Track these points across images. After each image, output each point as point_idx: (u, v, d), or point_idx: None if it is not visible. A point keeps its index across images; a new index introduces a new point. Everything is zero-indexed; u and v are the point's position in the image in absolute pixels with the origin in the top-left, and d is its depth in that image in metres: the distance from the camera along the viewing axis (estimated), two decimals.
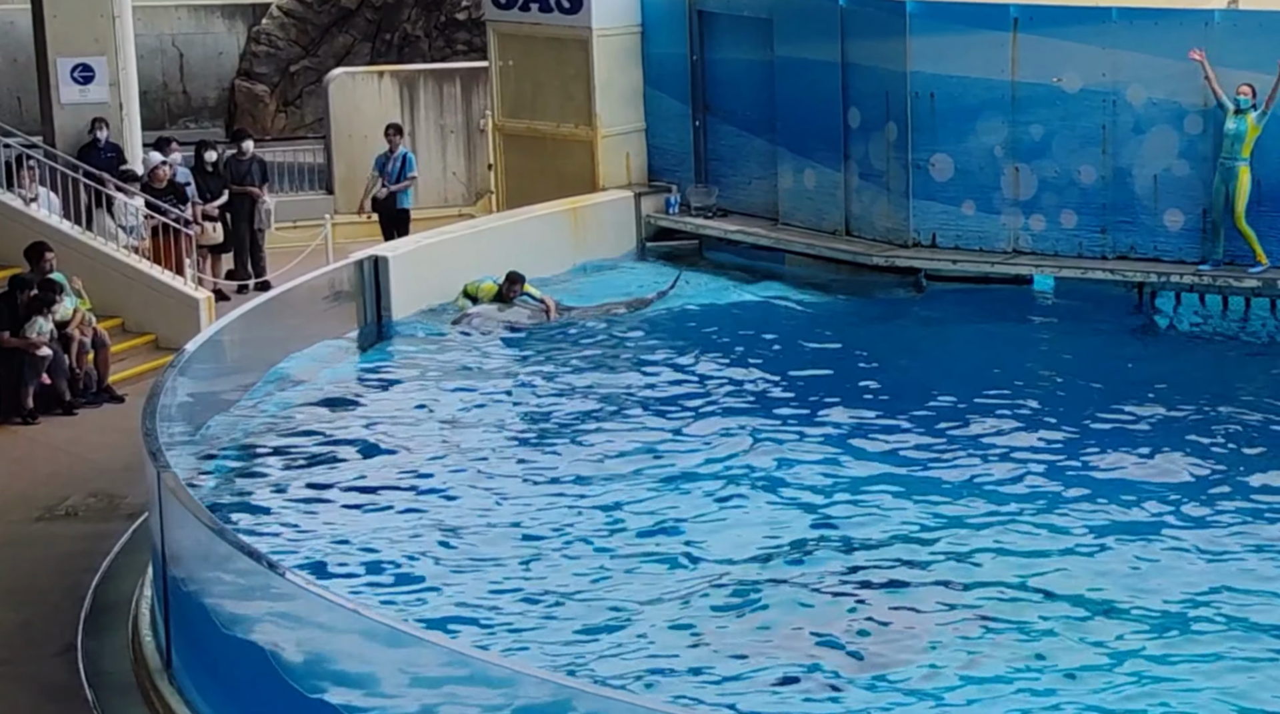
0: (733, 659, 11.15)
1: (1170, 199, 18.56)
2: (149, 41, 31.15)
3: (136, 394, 17.31)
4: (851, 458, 14.55)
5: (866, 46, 19.75)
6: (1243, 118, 17.76)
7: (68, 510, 15.60)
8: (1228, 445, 14.63)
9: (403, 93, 27.11)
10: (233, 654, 10.71)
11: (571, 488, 14.10)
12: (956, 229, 19.53)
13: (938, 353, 17.85)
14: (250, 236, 23.43)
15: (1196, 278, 18.30)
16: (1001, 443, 14.79)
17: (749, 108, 21.17)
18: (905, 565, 12.47)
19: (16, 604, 13.57)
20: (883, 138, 19.76)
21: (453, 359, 17.56)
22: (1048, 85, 18.93)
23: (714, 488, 13.97)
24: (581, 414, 15.77)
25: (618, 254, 21.08)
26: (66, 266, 19.28)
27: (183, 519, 11.17)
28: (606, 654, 11.29)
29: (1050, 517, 13.30)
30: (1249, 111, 17.73)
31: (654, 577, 12.44)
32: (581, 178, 21.58)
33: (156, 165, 22.23)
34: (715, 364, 17.12)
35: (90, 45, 23.02)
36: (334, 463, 14.76)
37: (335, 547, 13.06)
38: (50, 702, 11.90)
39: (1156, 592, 11.97)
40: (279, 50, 32.69)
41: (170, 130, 29.36)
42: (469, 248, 19.42)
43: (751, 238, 20.84)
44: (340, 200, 26.23)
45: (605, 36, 21.53)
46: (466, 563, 12.75)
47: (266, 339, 16.84)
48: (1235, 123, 17.79)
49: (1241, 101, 17.75)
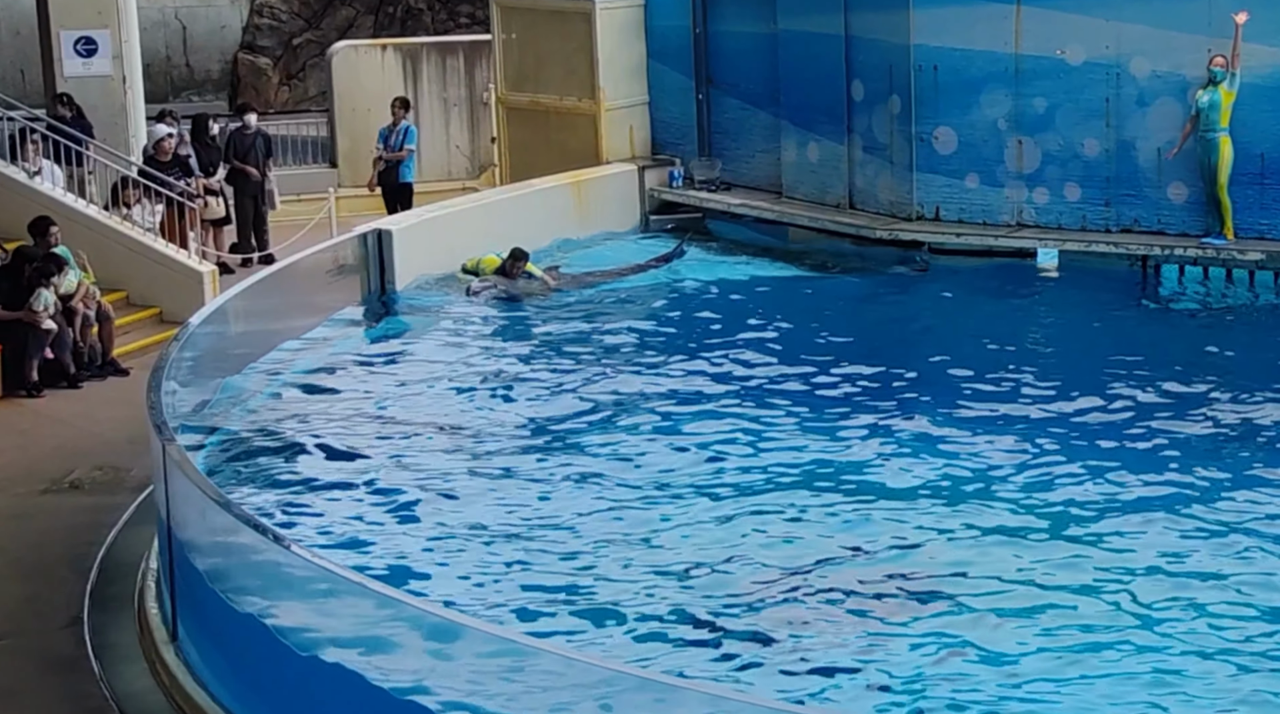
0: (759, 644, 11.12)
1: (1174, 172, 18.55)
2: (152, 14, 31.16)
3: (141, 367, 17.34)
4: (853, 436, 14.54)
5: (870, 19, 19.74)
6: (1216, 89, 17.79)
7: (73, 483, 15.63)
8: (1235, 418, 14.63)
9: (406, 66, 27.11)
10: (238, 625, 10.74)
11: (576, 463, 14.10)
12: (960, 202, 19.53)
13: (941, 327, 17.83)
14: (254, 210, 23.44)
15: (1201, 251, 18.30)
16: (1005, 418, 14.77)
17: (752, 81, 21.16)
18: (910, 549, 12.47)
19: (23, 577, 13.60)
20: (886, 111, 19.75)
21: (457, 332, 17.57)
22: (1051, 58, 18.92)
23: (716, 468, 13.96)
24: (583, 392, 15.77)
25: (621, 228, 21.10)
26: (70, 240, 19.31)
27: (188, 491, 11.19)
28: (611, 633, 11.31)
29: (1052, 493, 13.29)
30: (1222, 82, 17.75)
31: (652, 556, 12.46)
32: (585, 151, 21.58)
33: (162, 138, 22.23)
34: (719, 340, 17.13)
35: (93, 18, 23.04)
36: (337, 436, 14.77)
37: (339, 519, 13.07)
38: (57, 673, 11.93)
39: (1161, 572, 11.96)
40: (282, 23, 32.68)
41: (173, 103, 29.38)
42: (472, 221, 19.44)
43: (755, 211, 20.84)
44: (344, 174, 26.26)
45: (608, 9, 21.52)
46: (469, 535, 12.76)
47: (271, 312, 16.85)
48: (1209, 94, 17.84)
49: (1217, 73, 17.77)
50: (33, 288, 18.02)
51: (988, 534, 12.55)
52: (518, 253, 18.65)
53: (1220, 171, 17.96)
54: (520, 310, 18.24)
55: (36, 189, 20.77)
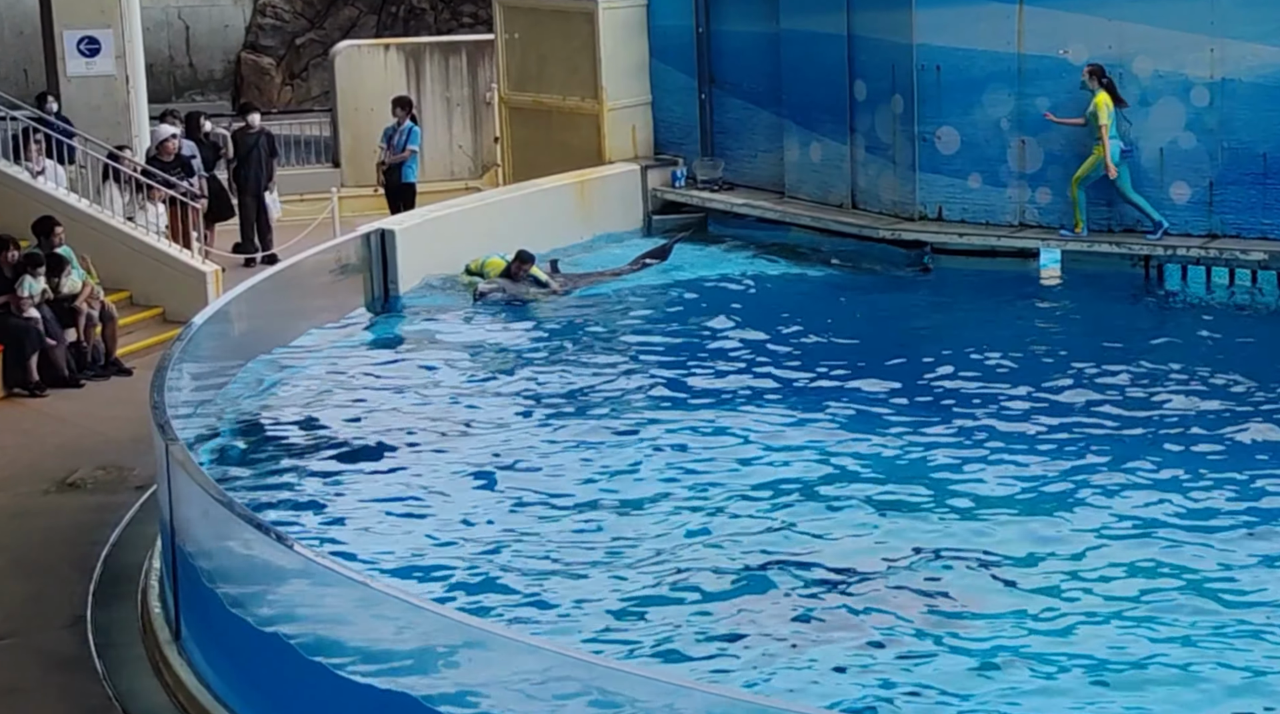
0: (776, 642, 11.11)
1: (1176, 172, 18.54)
2: (155, 14, 31.17)
3: (144, 367, 17.34)
4: (852, 436, 14.53)
5: (872, 19, 19.74)
6: (1093, 98, 18.34)
7: (76, 482, 15.64)
8: (1240, 414, 14.63)
9: (409, 65, 27.12)
10: (241, 625, 10.75)
11: (582, 463, 14.11)
12: (963, 202, 19.53)
13: (944, 327, 17.83)
14: (257, 209, 23.44)
15: (1203, 251, 18.30)
16: (1011, 420, 14.78)
17: (755, 80, 21.17)
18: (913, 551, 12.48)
19: (26, 576, 13.61)
20: (889, 110, 19.76)
21: (460, 333, 17.58)
22: (1054, 58, 18.92)
23: (723, 466, 13.96)
24: (588, 390, 15.78)
25: (624, 227, 21.10)
26: (74, 240, 19.33)
27: (191, 491, 11.20)
28: (618, 634, 11.32)
29: (1060, 490, 13.29)
30: (1096, 93, 18.32)
31: (658, 554, 12.47)
32: (587, 151, 21.58)
33: (166, 138, 22.24)
34: (722, 339, 17.14)
35: (97, 17, 23.05)
36: (340, 436, 14.78)
37: (341, 519, 13.09)
38: (60, 673, 11.94)
39: (1176, 574, 11.95)
40: (285, 23, 32.69)
41: (176, 103, 29.40)
42: (475, 221, 19.44)
43: (757, 211, 20.84)
44: (347, 173, 26.26)
45: (611, 9, 21.52)
46: (472, 535, 12.78)
47: (273, 312, 16.86)
48: (1090, 103, 18.42)
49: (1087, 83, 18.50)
50: (18, 275, 18.00)
51: (981, 534, 12.58)
52: (523, 255, 18.61)
53: (1081, 169, 18.43)
54: (524, 312, 18.24)
55: (40, 189, 20.77)
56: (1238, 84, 18.15)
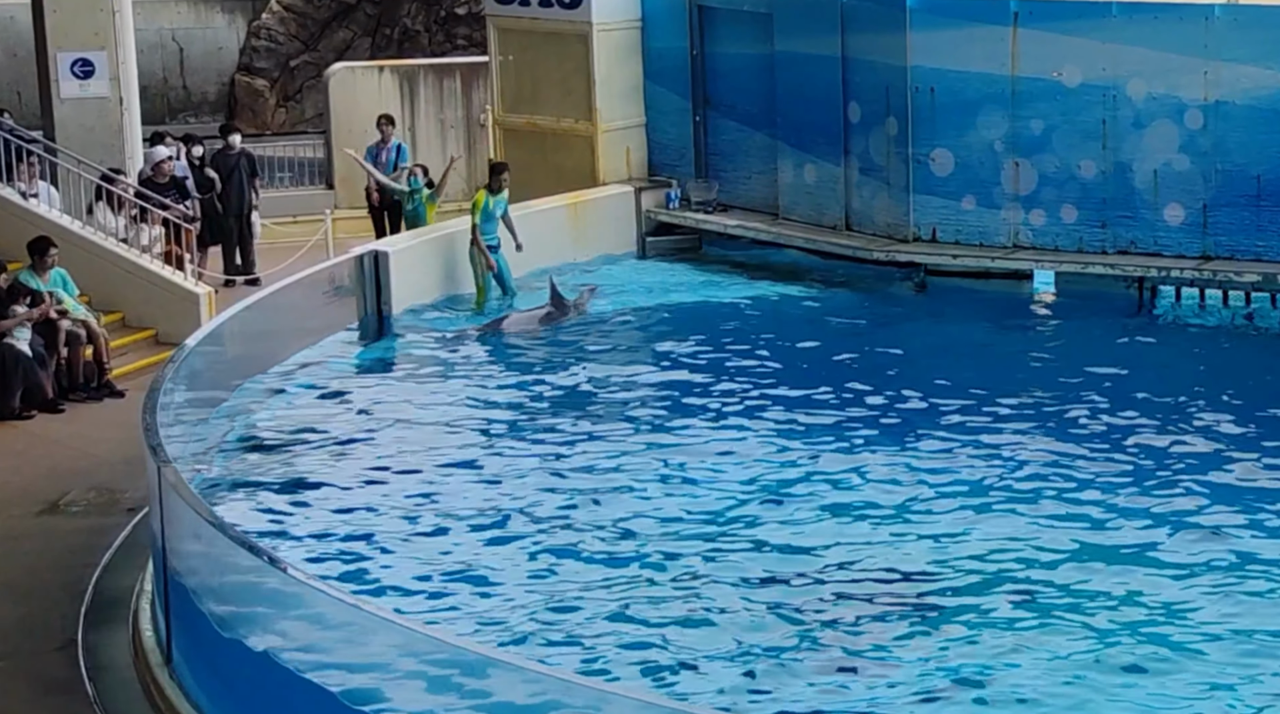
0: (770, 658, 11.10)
1: (1170, 193, 18.56)
2: (149, 36, 31.15)
3: (137, 389, 17.30)
4: (845, 453, 14.55)
5: (867, 41, 19.76)
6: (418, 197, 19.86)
7: (68, 505, 15.60)
8: (1232, 435, 14.64)
9: (403, 87, 27.11)
10: (233, 648, 10.71)
11: (574, 485, 14.09)
12: (957, 224, 19.53)
13: (937, 349, 17.83)
14: (239, 231, 23.36)
15: (1197, 272, 18.31)
16: (1005, 441, 14.78)
17: (749, 102, 21.18)
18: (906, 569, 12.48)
19: (17, 599, 13.57)
20: (883, 132, 19.76)
21: (453, 354, 17.56)
22: (1048, 80, 18.94)
23: (714, 486, 13.96)
24: (581, 412, 15.77)
25: (618, 249, 21.10)
26: (67, 262, 19.28)
27: (183, 514, 11.17)
28: (615, 653, 11.30)
29: (1054, 507, 13.30)
30: (421, 190, 19.64)
31: (658, 572, 12.45)
32: (581, 172, 21.58)
33: (162, 160, 22.23)
34: (714, 362, 17.14)
35: (90, 39, 23.02)
36: (333, 458, 14.76)
37: (335, 541, 13.06)
38: (51, 696, 11.91)
39: (1165, 587, 11.97)
40: (279, 45, 32.70)
41: (170, 125, 29.38)
42: (469, 242, 19.40)
43: (751, 233, 20.84)
44: (340, 195, 26.23)
45: (605, 31, 21.53)
46: (465, 558, 12.75)
47: (267, 334, 16.84)
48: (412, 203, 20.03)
49: (413, 182, 19.71)
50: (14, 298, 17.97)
51: (979, 553, 12.58)
52: (496, 166, 19.18)
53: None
54: (518, 336, 18.17)
55: (31, 210, 20.73)
56: (1231, 106, 18.18)
